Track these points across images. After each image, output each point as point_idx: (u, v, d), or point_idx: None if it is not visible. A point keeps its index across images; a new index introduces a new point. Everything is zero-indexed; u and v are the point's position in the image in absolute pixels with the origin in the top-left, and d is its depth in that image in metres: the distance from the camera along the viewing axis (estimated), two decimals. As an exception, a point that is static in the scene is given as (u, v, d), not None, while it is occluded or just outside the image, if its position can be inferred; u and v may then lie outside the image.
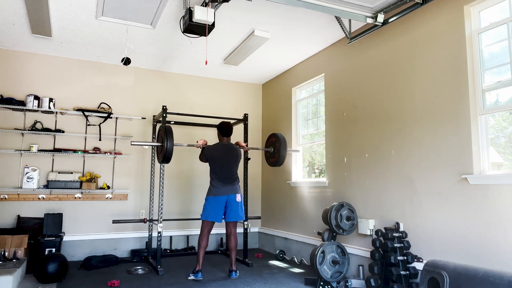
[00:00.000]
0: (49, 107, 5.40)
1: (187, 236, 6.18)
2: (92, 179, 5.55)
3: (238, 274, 4.55)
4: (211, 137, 6.59)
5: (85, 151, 5.64)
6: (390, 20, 4.01)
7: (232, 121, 6.27)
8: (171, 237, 6.06)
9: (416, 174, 3.82)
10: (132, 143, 4.42)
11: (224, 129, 4.73)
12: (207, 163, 4.71)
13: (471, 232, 3.26)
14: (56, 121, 5.60)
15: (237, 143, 4.98)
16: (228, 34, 4.88)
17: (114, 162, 5.87)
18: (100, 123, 5.80)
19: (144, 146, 6.06)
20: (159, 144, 4.52)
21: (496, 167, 3.34)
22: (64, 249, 5.36)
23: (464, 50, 3.43)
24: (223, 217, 4.55)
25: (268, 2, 4.04)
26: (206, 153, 4.64)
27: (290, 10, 4.28)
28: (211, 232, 5.29)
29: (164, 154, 4.36)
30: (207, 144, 4.83)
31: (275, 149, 5.24)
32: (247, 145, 5.25)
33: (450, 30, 3.57)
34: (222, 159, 4.58)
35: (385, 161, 4.20)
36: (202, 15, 3.58)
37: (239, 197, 4.57)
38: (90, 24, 4.60)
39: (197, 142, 4.83)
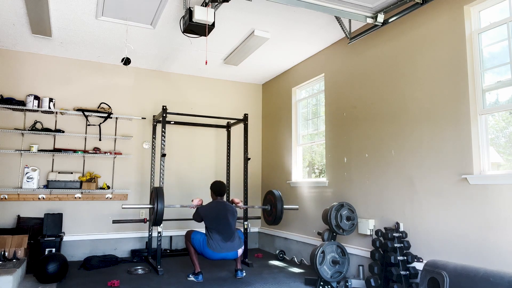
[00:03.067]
0: (49, 107, 5.40)
1: (187, 236, 6.18)
2: (92, 179, 5.55)
3: (244, 273, 4.55)
4: (211, 137, 6.60)
5: (85, 151, 5.64)
6: (390, 20, 4.01)
7: (232, 121, 6.28)
8: (171, 237, 6.06)
9: (416, 174, 3.82)
10: (123, 206, 4.28)
11: (218, 188, 4.61)
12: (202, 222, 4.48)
13: (471, 232, 3.26)
14: (56, 121, 5.60)
15: (231, 201, 4.82)
16: (228, 34, 4.88)
17: (114, 162, 5.87)
18: (100, 123, 5.80)
19: (144, 146, 6.07)
20: (150, 206, 4.41)
21: (496, 167, 3.34)
22: (64, 249, 5.36)
23: (464, 50, 3.43)
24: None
25: (268, 2, 4.04)
26: (201, 213, 4.40)
27: (290, 10, 4.28)
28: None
29: (155, 217, 4.19)
30: (202, 203, 4.62)
31: (272, 208, 4.92)
32: (242, 202, 5.00)
33: (450, 30, 3.57)
34: (218, 216, 4.38)
35: (385, 161, 4.20)
36: (202, 15, 3.58)
37: (240, 252, 4.40)
38: (90, 24, 4.60)
39: (192, 201, 4.66)
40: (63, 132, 5.52)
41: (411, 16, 3.99)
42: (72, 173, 5.47)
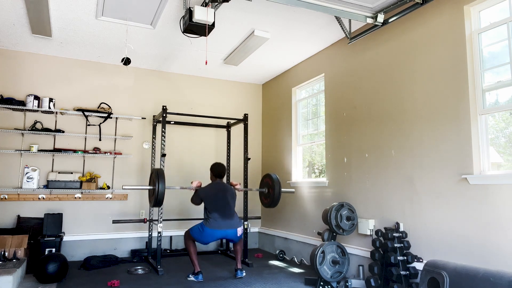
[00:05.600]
0: (49, 107, 5.41)
1: (187, 236, 6.18)
2: (92, 179, 5.55)
3: (244, 273, 4.55)
4: (211, 137, 6.60)
5: (85, 151, 5.64)
6: (390, 20, 4.01)
7: (232, 121, 6.29)
8: (171, 237, 6.06)
9: (416, 174, 3.82)
10: (124, 187, 4.29)
11: (217, 170, 4.64)
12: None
13: (471, 232, 3.26)
14: (56, 121, 5.60)
15: (230, 184, 4.83)
16: (228, 34, 4.88)
17: (114, 162, 5.87)
18: (100, 123, 5.80)
19: (144, 146, 6.07)
20: (151, 187, 4.42)
21: (496, 167, 3.34)
22: (64, 249, 5.36)
23: (464, 50, 3.43)
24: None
25: (268, 2, 4.05)
26: (201, 194, 4.45)
27: (290, 10, 4.28)
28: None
29: (155, 198, 4.20)
30: (202, 186, 4.63)
31: (269, 190, 4.98)
32: (240, 185, 4.99)
33: (450, 30, 3.57)
34: (218, 196, 4.42)
35: (385, 161, 4.20)
36: (202, 15, 3.58)
37: (240, 231, 4.41)
38: (90, 24, 4.60)
39: (191, 183, 4.67)
40: (63, 132, 5.52)
41: (411, 16, 3.99)
42: (72, 173, 5.47)
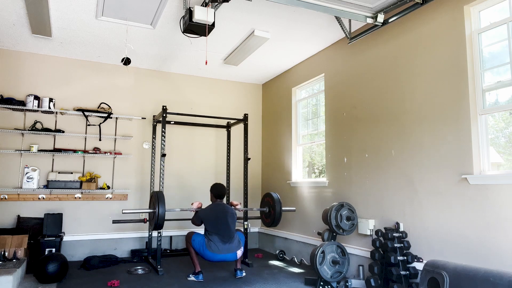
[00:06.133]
0: (49, 107, 5.40)
1: (187, 236, 6.18)
2: (92, 179, 5.55)
3: (244, 273, 4.55)
4: (211, 137, 6.60)
5: (85, 151, 5.64)
6: (390, 20, 4.01)
7: (232, 121, 6.28)
8: (171, 237, 6.06)
9: (416, 174, 3.82)
10: (124, 211, 4.22)
11: (218, 190, 4.62)
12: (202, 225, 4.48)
13: (471, 232, 3.26)
14: (56, 121, 5.60)
15: (230, 204, 4.84)
16: (228, 34, 4.88)
17: (114, 162, 5.87)
18: (100, 123, 5.80)
19: (144, 146, 6.07)
20: (151, 211, 4.40)
21: (496, 167, 3.34)
22: (64, 249, 5.36)
23: (464, 50, 3.43)
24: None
25: (268, 2, 4.05)
26: (201, 215, 4.42)
27: (290, 10, 4.28)
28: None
29: (156, 222, 4.17)
30: (202, 207, 4.62)
31: (270, 210, 4.97)
32: (241, 205, 5.01)
33: (450, 30, 3.57)
34: (218, 218, 4.39)
35: (385, 161, 4.20)
36: (202, 15, 3.58)
37: (240, 253, 4.42)
38: (90, 24, 4.60)
39: (191, 204, 4.66)
40: (63, 132, 5.52)
41: (411, 16, 3.99)
42: (72, 173, 5.47)
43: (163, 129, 5.04)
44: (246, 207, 5.30)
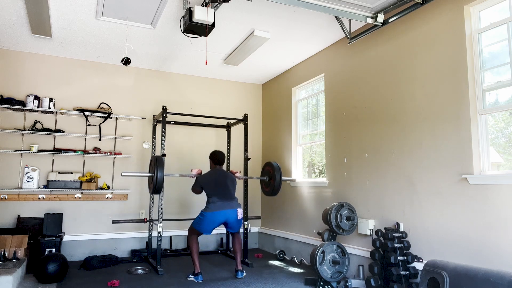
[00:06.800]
0: (49, 107, 5.41)
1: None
2: (92, 179, 5.55)
3: (244, 274, 4.55)
4: (211, 137, 6.60)
5: (85, 151, 5.64)
6: (390, 20, 4.01)
7: (232, 121, 6.28)
8: (171, 237, 6.06)
9: (416, 174, 3.82)
10: (123, 174, 4.32)
11: (217, 157, 4.65)
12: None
13: (471, 232, 3.26)
14: (56, 121, 5.60)
15: (230, 172, 4.85)
16: (228, 34, 4.88)
17: (114, 162, 5.87)
18: (100, 123, 5.80)
19: (144, 146, 6.07)
20: (150, 174, 4.42)
21: (496, 167, 3.34)
22: (64, 249, 5.36)
23: (464, 50, 3.43)
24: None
25: (268, 2, 4.05)
26: (201, 181, 4.46)
27: (290, 10, 4.28)
28: (212, 232, 5.28)
29: (154, 185, 4.22)
30: (202, 173, 4.65)
31: (270, 179, 5.02)
32: (240, 173, 5.05)
33: (450, 30, 3.57)
34: (218, 182, 4.44)
35: (385, 161, 4.20)
36: (202, 15, 3.58)
37: (240, 213, 4.42)
38: (90, 24, 4.60)
39: (191, 171, 4.68)
40: (63, 132, 5.52)
41: (411, 16, 3.99)
42: (72, 173, 5.47)
43: (163, 129, 5.04)
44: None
